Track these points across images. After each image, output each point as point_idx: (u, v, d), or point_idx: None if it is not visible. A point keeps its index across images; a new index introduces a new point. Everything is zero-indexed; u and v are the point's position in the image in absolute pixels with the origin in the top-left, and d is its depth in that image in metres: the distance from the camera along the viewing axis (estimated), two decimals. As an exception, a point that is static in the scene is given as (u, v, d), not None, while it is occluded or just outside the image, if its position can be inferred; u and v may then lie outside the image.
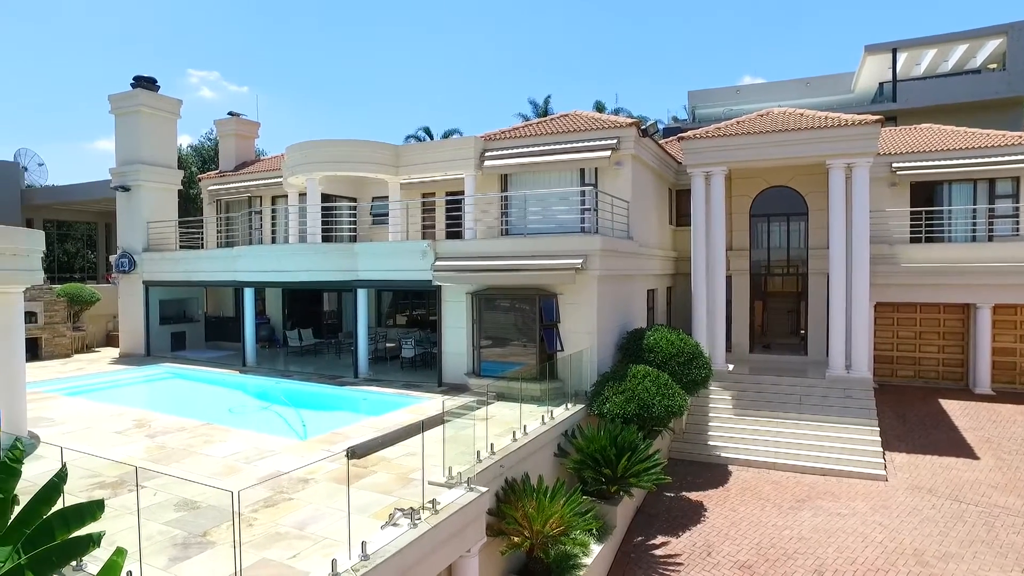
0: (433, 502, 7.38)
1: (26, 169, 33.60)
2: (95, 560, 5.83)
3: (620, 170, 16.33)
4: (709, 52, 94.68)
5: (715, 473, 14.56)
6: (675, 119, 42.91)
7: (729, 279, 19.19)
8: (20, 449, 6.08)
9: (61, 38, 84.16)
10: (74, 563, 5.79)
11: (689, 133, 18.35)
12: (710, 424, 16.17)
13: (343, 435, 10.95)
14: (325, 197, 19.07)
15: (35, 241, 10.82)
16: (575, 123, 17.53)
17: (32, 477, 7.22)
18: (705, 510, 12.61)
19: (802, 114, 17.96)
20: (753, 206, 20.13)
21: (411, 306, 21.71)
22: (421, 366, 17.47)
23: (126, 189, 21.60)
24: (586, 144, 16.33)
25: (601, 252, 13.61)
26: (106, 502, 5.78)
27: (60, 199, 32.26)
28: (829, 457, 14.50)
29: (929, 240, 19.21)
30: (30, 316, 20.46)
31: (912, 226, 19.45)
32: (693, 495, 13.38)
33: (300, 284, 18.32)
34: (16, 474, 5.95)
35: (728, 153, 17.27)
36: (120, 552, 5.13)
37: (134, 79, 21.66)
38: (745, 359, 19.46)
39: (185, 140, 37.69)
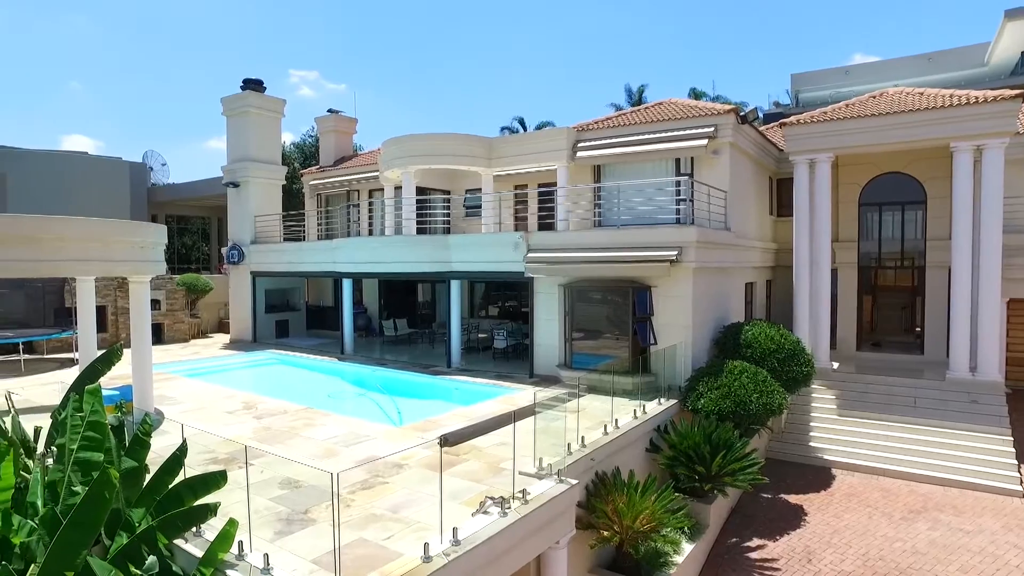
0: (523, 492, 7.39)
1: (151, 169, 36.62)
2: (211, 528, 6.25)
3: (717, 159, 15.70)
4: (814, 30, 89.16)
5: (817, 476, 13.79)
6: (777, 104, 40.80)
7: (835, 272, 18.06)
8: (149, 424, 6.64)
9: (177, 46, 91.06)
10: (194, 529, 6.25)
11: (791, 118, 17.39)
12: (812, 424, 15.32)
13: (436, 423, 11.21)
14: (420, 190, 19.52)
15: (159, 235, 11.79)
16: (670, 111, 16.99)
17: (158, 450, 7.84)
18: (805, 514, 11.96)
19: (922, 93, 16.55)
20: (863, 194, 18.82)
21: (503, 297, 21.89)
22: (513, 357, 17.58)
23: (236, 185, 23.01)
24: (682, 133, 15.78)
25: (697, 244, 13.15)
26: (220, 476, 6.20)
27: (179, 196, 34.92)
28: (950, 466, 13.35)
29: (1078, 228, 17.12)
30: (154, 304, 22.30)
31: (1057, 213, 17.42)
32: (792, 498, 12.73)
33: (395, 275, 18.89)
34: (146, 446, 6.53)
35: (835, 139, 16.23)
36: (233, 523, 5.50)
37: (243, 82, 22.98)
38: (851, 357, 18.28)
39: (288, 137, 39.64)
